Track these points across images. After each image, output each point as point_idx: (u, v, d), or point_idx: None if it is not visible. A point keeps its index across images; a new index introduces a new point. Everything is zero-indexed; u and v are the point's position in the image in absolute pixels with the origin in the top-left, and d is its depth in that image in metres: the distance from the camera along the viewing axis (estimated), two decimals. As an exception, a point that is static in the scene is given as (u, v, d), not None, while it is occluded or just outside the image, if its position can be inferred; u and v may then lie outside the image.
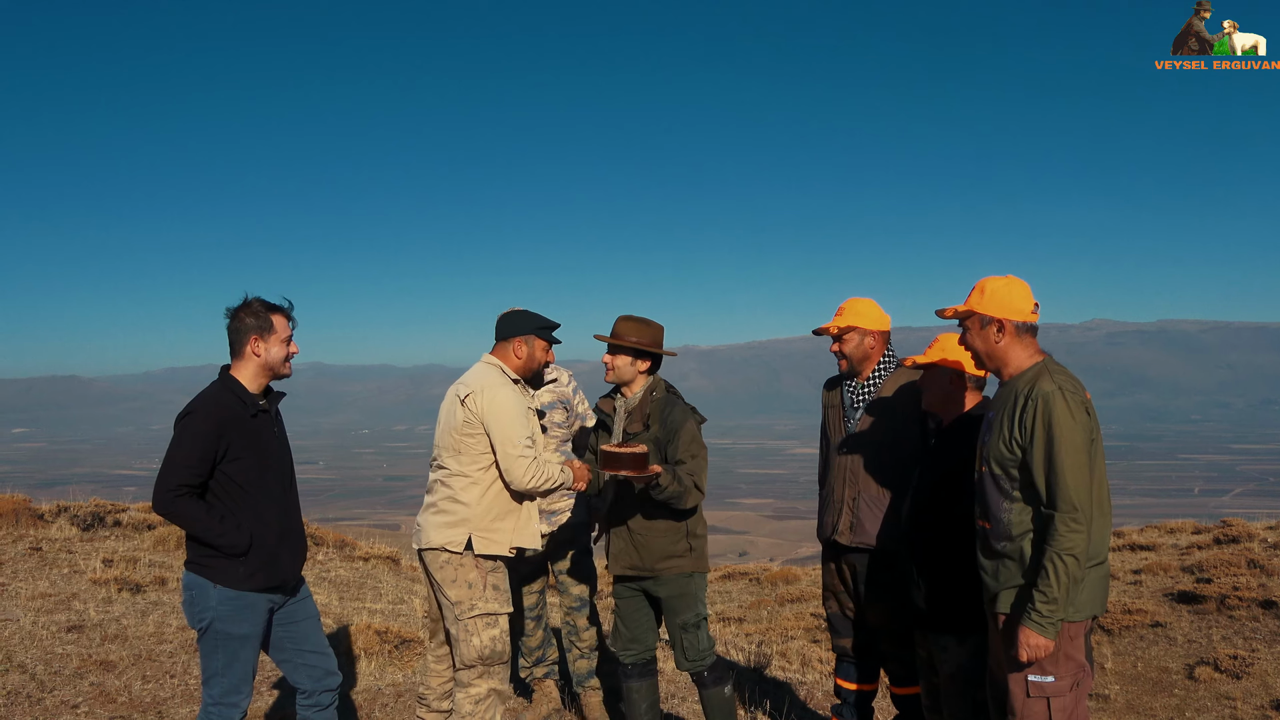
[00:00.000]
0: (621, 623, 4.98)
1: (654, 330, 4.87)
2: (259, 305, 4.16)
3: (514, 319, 4.80)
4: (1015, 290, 3.82)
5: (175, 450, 3.94)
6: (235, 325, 4.13)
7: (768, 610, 12.99)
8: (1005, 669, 3.80)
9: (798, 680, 7.18)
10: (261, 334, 4.11)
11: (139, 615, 7.76)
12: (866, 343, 4.88)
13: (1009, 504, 3.73)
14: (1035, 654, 3.62)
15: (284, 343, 4.17)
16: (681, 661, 4.95)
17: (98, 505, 12.38)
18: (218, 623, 4.03)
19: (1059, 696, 3.70)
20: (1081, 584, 3.62)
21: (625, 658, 4.97)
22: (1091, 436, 3.64)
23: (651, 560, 4.82)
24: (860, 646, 5.06)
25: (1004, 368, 3.84)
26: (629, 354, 4.82)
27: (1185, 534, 13.67)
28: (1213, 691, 7.67)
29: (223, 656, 4.08)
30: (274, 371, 4.18)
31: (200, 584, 4.04)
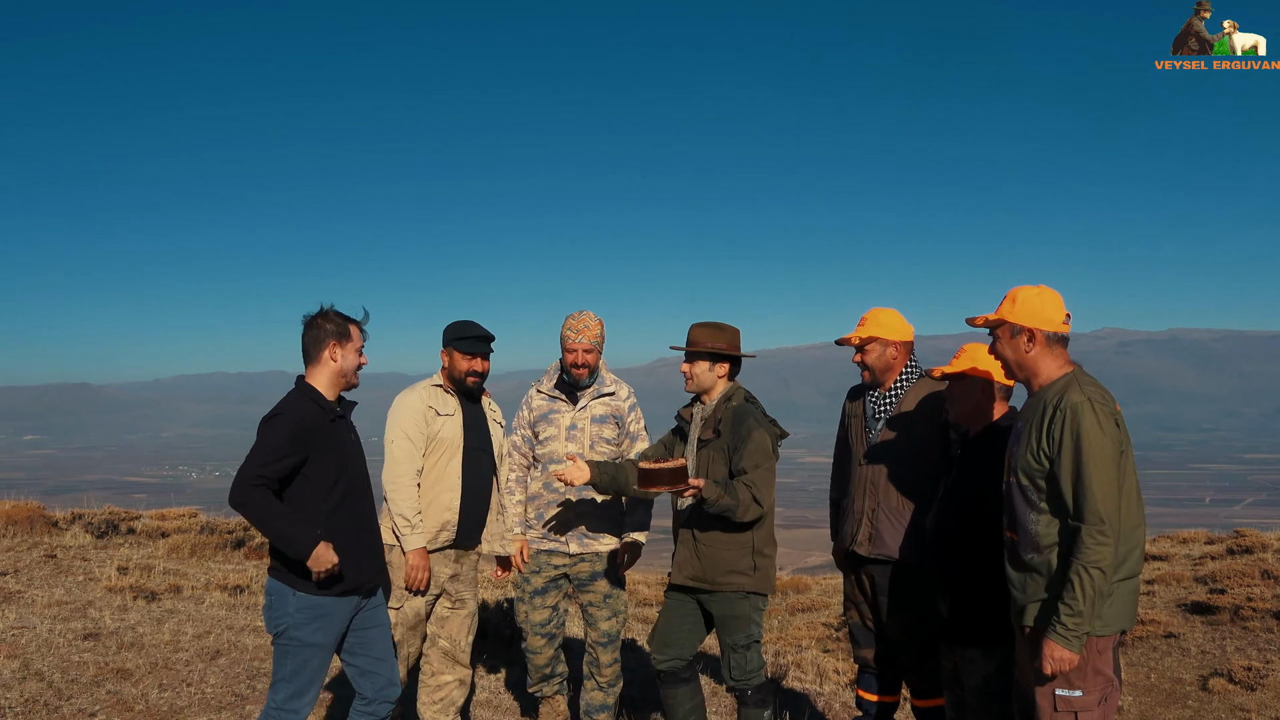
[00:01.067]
0: (665, 624, 4.94)
1: (729, 334, 4.92)
2: (338, 314, 4.29)
3: (445, 332, 5.18)
4: (1047, 300, 3.80)
5: (258, 447, 4.02)
6: (314, 332, 4.24)
7: (778, 620, 12.97)
8: (1032, 682, 3.76)
9: (815, 692, 7.17)
10: (340, 341, 4.23)
11: (154, 623, 7.79)
12: (889, 353, 4.87)
13: (1036, 515, 3.70)
14: (1059, 667, 3.59)
15: (358, 352, 4.29)
16: (727, 678, 4.91)
17: (111, 513, 12.45)
18: (292, 630, 4.09)
19: (1086, 711, 3.66)
20: (1109, 598, 3.59)
21: (662, 664, 4.92)
22: (1121, 449, 3.60)
23: (714, 573, 4.77)
24: (882, 658, 5.04)
25: (1034, 378, 3.82)
26: (706, 359, 4.89)
27: (1198, 544, 13.63)
28: (1227, 703, 7.64)
29: (292, 663, 4.13)
30: (346, 380, 4.28)
31: (279, 590, 4.10)
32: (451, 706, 5.28)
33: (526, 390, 5.52)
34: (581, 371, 5.27)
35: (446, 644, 5.25)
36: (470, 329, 5.11)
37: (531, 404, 5.45)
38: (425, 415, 5.04)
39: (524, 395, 5.51)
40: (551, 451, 5.34)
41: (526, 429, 5.43)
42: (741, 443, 4.74)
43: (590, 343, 5.24)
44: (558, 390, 5.40)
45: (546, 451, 5.36)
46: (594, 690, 5.43)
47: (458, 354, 5.10)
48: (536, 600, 5.38)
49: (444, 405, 5.11)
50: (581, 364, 5.26)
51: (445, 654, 5.25)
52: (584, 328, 5.24)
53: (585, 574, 5.37)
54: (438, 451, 5.06)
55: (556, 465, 5.22)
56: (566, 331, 5.26)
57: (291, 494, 4.07)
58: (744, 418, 4.81)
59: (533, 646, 5.42)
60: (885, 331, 4.86)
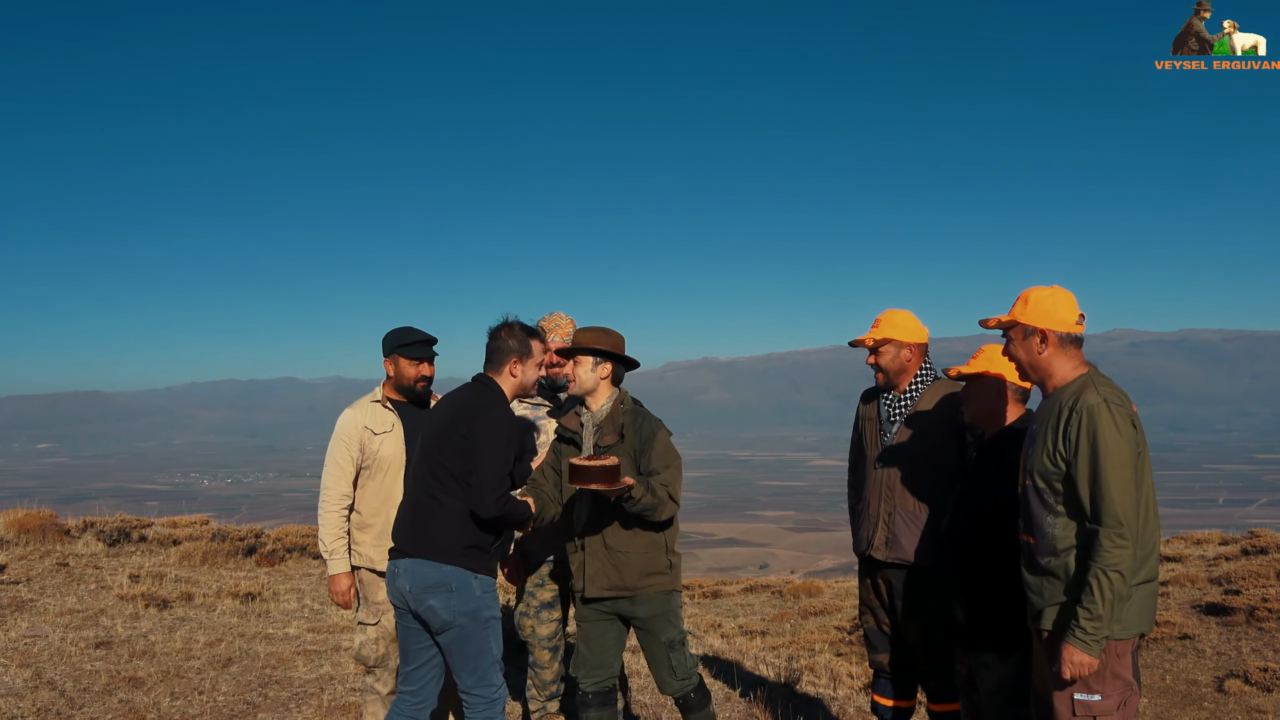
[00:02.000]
0: (586, 647, 4.78)
1: (614, 337, 4.80)
2: (522, 330, 4.46)
3: (384, 340, 5.09)
4: (1059, 300, 3.76)
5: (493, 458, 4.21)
6: (498, 345, 4.43)
7: (790, 623, 12.95)
8: (1050, 687, 3.72)
9: (829, 696, 7.13)
10: (522, 358, 4.42)
11: (166, 631, 7.80)
12: (903, 355, 4.82)
13: (1053, 518, 3.66)
14: (1079, 671, 3.56)
15: (537, 366, 4.49)
16: (670, 683, 4.78)
17: (123, 520, 12.47)
18: (484, 610, 4.25)
19: (1105, 716, 3.62)
20: (1128, 601, 3.55)
21: (587, 685, 4.78)
22: (1138, 450, 3.56)
23: (633, 579, 4.68)
24: (897, 662, 5.01)
25: (1048, 379, 3.78)
26: (589, 356, 4.71)
27: (1212, 545, 13.58)
28: (1243, 704, 7.60)
29: (494, 639, 4.29)
30: (527, 391, 4.56)
31: (462, 577, 4.22)
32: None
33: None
34: (558, 371, 5.25)
35: None
36: (412, 334, 5.04)
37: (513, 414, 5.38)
38: (360, 438, 4.96)
39: None
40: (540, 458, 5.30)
41: None
42: (648, 444, 4.67)
43: (563, 342, 5.19)
44: (540, 397, 5.35)
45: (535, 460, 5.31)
46: None
47: (404, 360, 5.02)
48: (544, 614, 5.32)
49: (380, 423, 5.00)
50: (557, 363, 5.24)
51: None
52: (556, 327, 5.23)
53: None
54: (380, 470, 4.99)
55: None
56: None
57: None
58: (645, 418, 4.76)
59: (541, 661, 5.35)
60: (899, 333, 4.81)
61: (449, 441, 4.23)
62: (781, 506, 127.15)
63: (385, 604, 4.99)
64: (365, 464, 4.99)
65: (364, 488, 5.00)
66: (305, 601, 9.52)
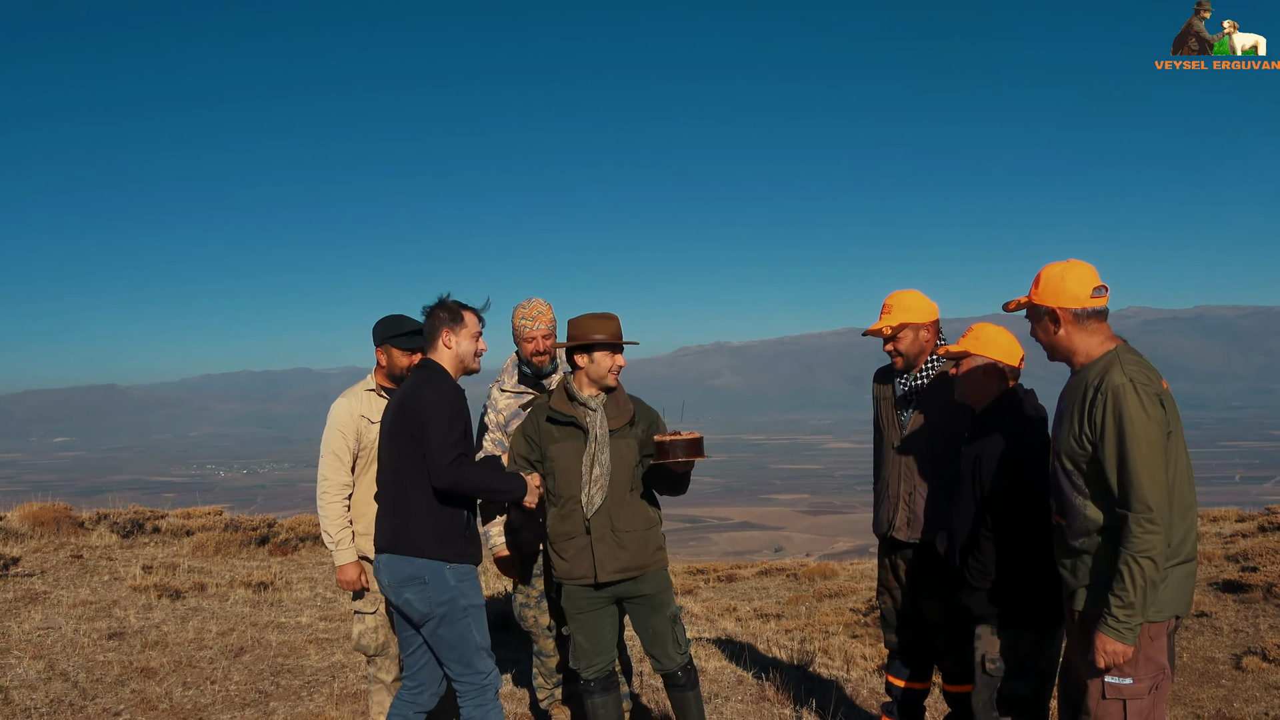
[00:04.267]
0: (585, 638, 4.75)
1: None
2: (453, 302, 4.40)
3: (375, 329, 5.07)
4: (1070, 275, 3.64)
5: (440, 429, 4.16)
6: (430, 321, 4.38)
7: (806, 606, 12.92)
8: (1081, 667, 3.68)
9: (843, 678, 7.10)
10: (453, 327, 4.35)
11: (179, 621, 7.81)
12: (921, 336, 4.74)
13: (1082, 500, 3.58)
14: (1113, 660, 3.48)
15: (474, 338, 4.41)
16: (675, 656, 4.76)
17: (137, 512, 12.49)
18: (461, 599, 4.21)
19: (1136, 699, 3.56)
20: (1163, 584, 3.47)
21: (590, 674, 4.75)
22: (1168, 430, 3.46)
23: (643, 557, 4.69)
24: (912, 643, 4.97)
25: (1072, 357, 3.68)
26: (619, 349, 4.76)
27: (1229, 522, 13.49)
28: (1261, 681, 7.54)
29: (475, 628, 4.26)
30: (465, 364, 4.41)
31: (433, 567, 4.18)
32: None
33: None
34: (544, 359, 5.21)
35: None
36: (405, 324, 5.00)
37: (497, 405, 5.32)
38: (356, 426, 4.95)
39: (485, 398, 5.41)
40: None
41: (496, 431, 5.31)
42: (654, 426, 4.78)
43: (547, 328, 5.19)
44: (522, 385, 5.31)
45: None
46: None
47: (396, 351, 4.97)
48: (544, 604, 5.31)
49: (375, 411, 4.97)
50: (544, 350, 5.21)
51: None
52: (538, 314, 5.20)
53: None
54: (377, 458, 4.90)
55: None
56: (521, 322, 5.19)
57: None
58: (640, 403, 4.85)
59: (545, 649, 5.36)
60: (914, 315, 4.73)
61: (402, 430, 4.20)
62: (796, 490, 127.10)
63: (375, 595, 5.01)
64: (361, 452, 4.97)
65: (361, 476, 4.98)
66: (317, 590, 9.52)
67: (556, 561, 4.71)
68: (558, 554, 4.70)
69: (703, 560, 21.29)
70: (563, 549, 4.67)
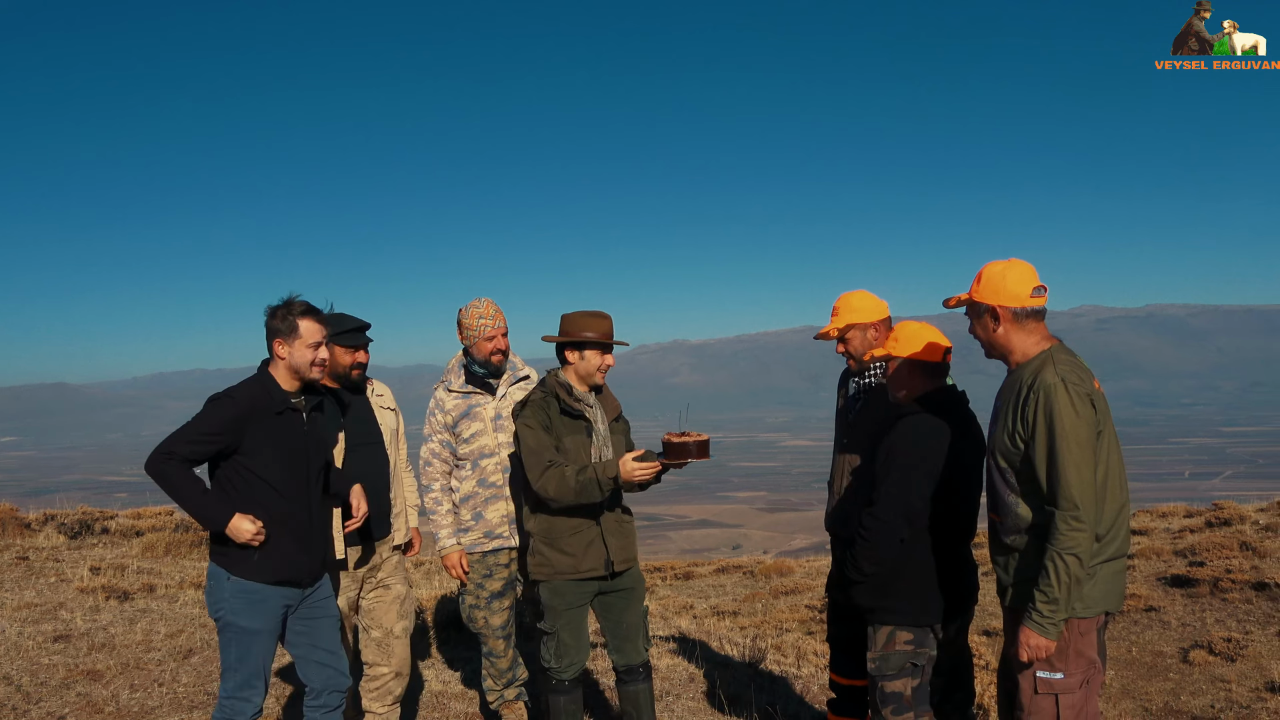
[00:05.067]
0: (571, 635, 4.71)
1: None
2: (288, 309, 4.20)
3: None
4: (1011, 274, 3.67)
5: (189, 423, 4.02)
6: (266, 325, 4.22)
7: (762, 603, 12.96)
8: (1015, 663, 3.73)
9: (793, 674, 7.12)
10: (285, 337, 4.16)
11: (127, 623, 7.69)
12: (870, 336, 4.76)
13: (1015, 498, 3.63)
14: (1036, 654, 3.55)
15: (311, 347, 4.20)
16: (642, 648, 4.82)
17: (85, 513, 12.31)
18: (230, 615, 4.08)
19: (1068, 694, 3.62)
20: (1090, 580, 3.53)
21: (571, 671, 4.72)
22: (1098, 429, 3.51)
23: (635, 548, 4.80)
24: (851, 637, 4.99)
25: (1008, 355, 3.72)
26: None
27: (1177, 518, 13.68)
28: (1207, 674, 7.65)
29: (235, 650, 4.11)
30: (300, 374, 4.21)
31: (217, 573, 4.10)
32: (388, 695, 5.18)
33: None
34: (501, 358, 5.24)
35: (378, 634, 5.16)
36: (346, 322, 4.96)
37: (445, 405, 5.30)
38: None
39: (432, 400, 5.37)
40: (481, 446, 5.25)
41: (444, 433, 5.30)
42: (626, 425, 4.94)
43: (505, 326, 5.24)
44: (470, 385, 5.30)
45: (475, 448, 5.25)
46: None
47: (339, 349, 4.91)
48: (495, 604, 5.30)
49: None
50: (504, 349, 5.25)
51: (378, 644, 5.16)
52: (494, 313, 5.21)
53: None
54: None
55: (487, 459, 5.24)
56: (479, 321, 5.18)
57: (228, 478, 4.07)
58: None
59: (496, 650, 5.35)
60: (861, 315, 4.75)
61: None
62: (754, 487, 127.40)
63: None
64: None
65: None
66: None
67: (555, 557, 4.63)
68: (559, 550, 4.63)
69: (660, 558, 21.28)
70: (566, 544, 4.62)
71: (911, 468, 4.04)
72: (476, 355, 5.23)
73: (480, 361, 5.24)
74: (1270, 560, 10.02)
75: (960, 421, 4.15)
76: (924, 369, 4.20)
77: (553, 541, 4.63)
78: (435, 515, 5.30)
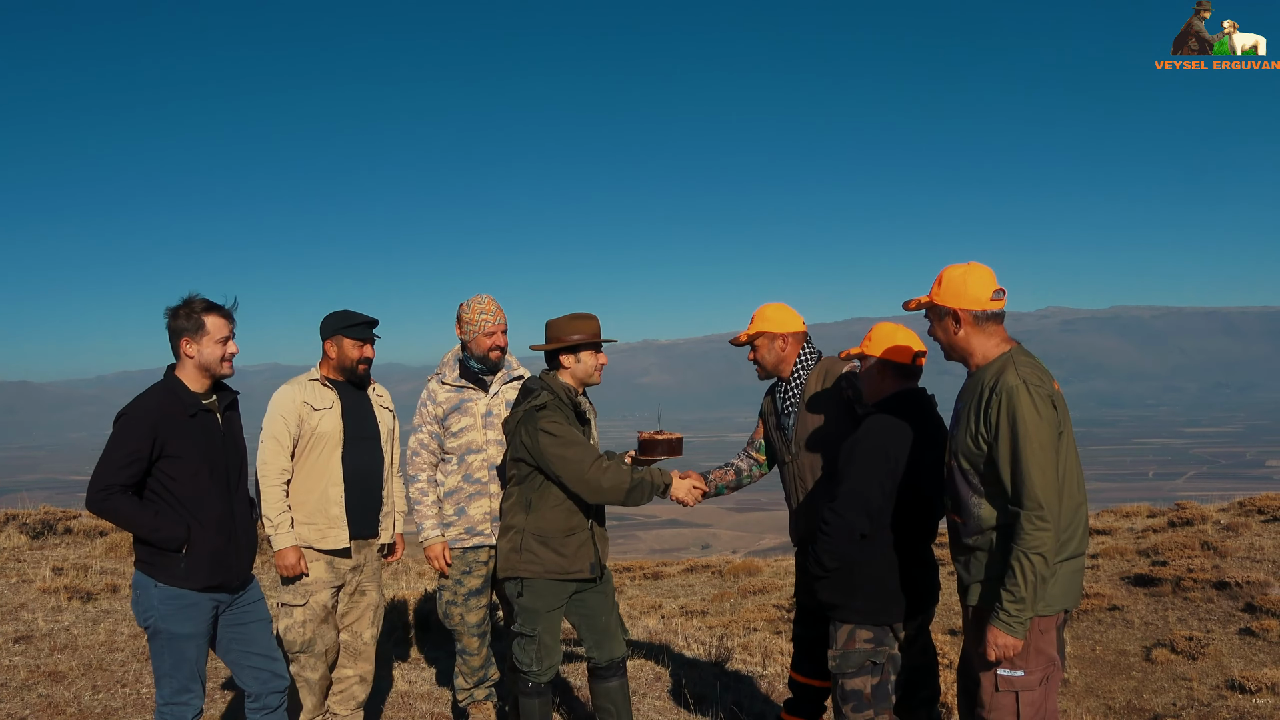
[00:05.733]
0: (551, 635, 4.73)
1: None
2: (190, 307, 4.14)
3: (326, 322, 5.08)
4: (972, 278, 3.71)
5: (108, 450, 3.97)
6: (169, 326, 4.13)
7: (730, 603, 12.99)
8: (976, 662, 3.77)
9: (759, 673, 7.15)
10: (192, 335, 4.09)
11: (90, 624, 7.61)
12: (778, 345, 4.91)
13: (978, 499, 3.67)
14: (1004, 653, 3.58)
15: (219, 343, 4.13)
16: (621, 643, 4.87)
17: (47, 513, 12.16)
18: (160, 622, 4.05)
19: (1028, 691, 3.66)
20: (1052, 579, 3.57)
21: (549, 675, 4.73)
22: (1059, 430, 3.56)
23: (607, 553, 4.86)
24: (814, 640, 5.03)
25: (969, 358, 3.76)
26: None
27: (1140, 518, 13.82)
28: (1169, 672, 7.74)
29: (169, 656, 4.08)
30: (211, 371, 4.15)
31: (144, 582, 4.07)
32: (352, 700, 5.18)
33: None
34: (499, 354, 5.25)
35: (347, 637, 5.16)
36: (355, 316, 5.03)
37: (436, 398, 5.30)
38: (298, 413, 4.92)
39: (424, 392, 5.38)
40: (469, 442, 5.25)
41: (433, 424, 5.30)
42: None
43: (505, 324, 5.26)
44: (464, 379, 5.30)
45: (462, 443, 5.25)
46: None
47: (348, 342, 4.99)
48: (472, 601, 5.29)
49: (320, 399, 4.98)
50: (503, 346, 5.26)
51: (346, 647, 5.16)
52: (496, 309, 5.23)
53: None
54: (317, 446, 4.94)
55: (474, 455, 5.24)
56: (480, 316, 5.19)
57: (154, 486, 4.04)
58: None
59: (470, 648, 5.33)
60: (771, 325, 4.91)
61: None
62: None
63: (315, 583, 4.95)
64: (301, 439, 4.93)
65: (300, 462, 4.95)
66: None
67: (547, 556, 4.64)
68: (551, 549, 4.64)
69: (629, 558, 21.30)
70: (561, 544, 4.65)
71: (874, 465, 4.09)
72: (475, 351, 5.24)
73: (478, 357, 5.25)
74: (1231, 560, 10.15)
75: (925, 423, 4.19)
76: (895, 370, 4.27)
77: (546, 540, 4.64)
78: (420, 506, 5.29)
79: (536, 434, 4.54)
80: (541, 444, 4.53)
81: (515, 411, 4.71)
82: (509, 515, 4.74)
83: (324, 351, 5.09)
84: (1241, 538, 11.02)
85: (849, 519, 4.10)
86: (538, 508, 4.64)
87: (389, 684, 6.34)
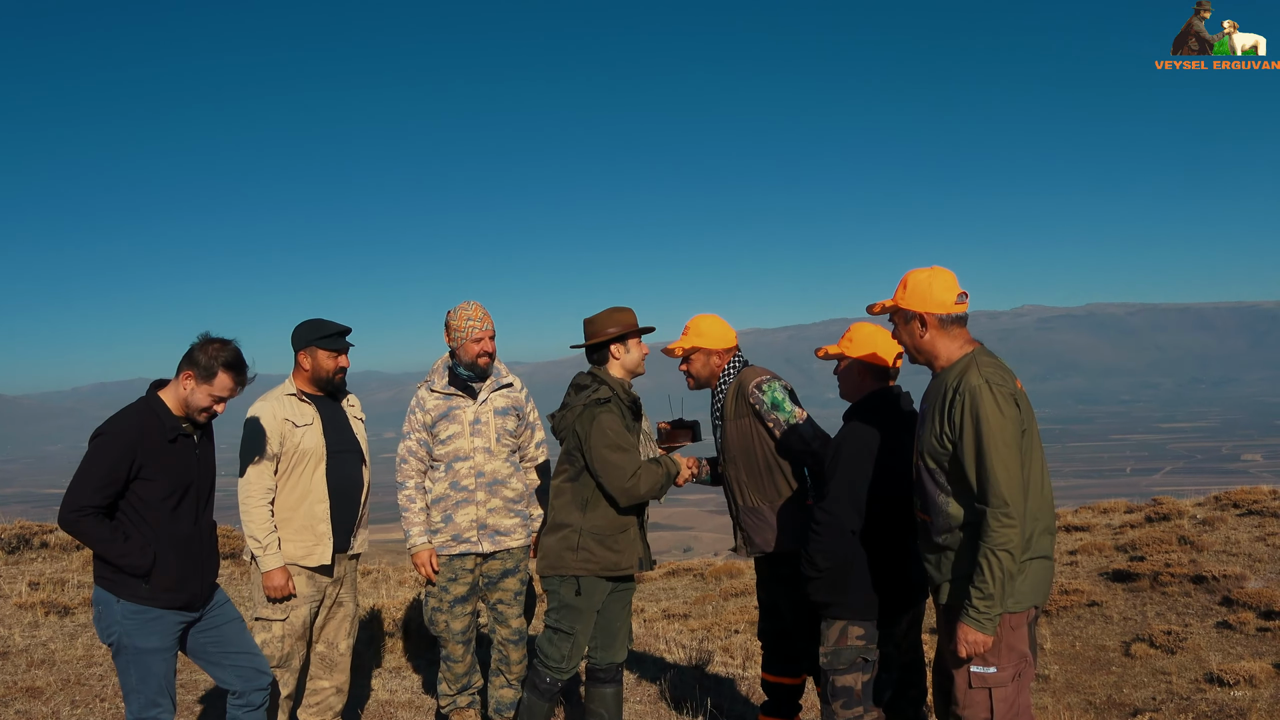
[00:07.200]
0: (585, 637, 4.81)
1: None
2: (217, 354, 4.06)
3: (297, 332, 5.00)
4: (937, 282, 3.77)
5: (83, 469, 3.95)
6: (189, 351, 4.08)
7: (712, 605, 12.99)
8: (949, 659, 3.80)
9: (739, 675, 7.16)
10: (198, 376, 4.05)
11: (67, 638, 7.55)
12: (713, 361, 4.98)
13: (945, 498, 3.71)
14: (974, 649, 3.62)
15: (214, 399, 4.09)
16: (623, 651, 4.93)
17: (23, 527, 12.04)
18: (124, 637, 4.03)
19: (1001, 687, 3.69)
20: (1021, 576, 3.60)
21: (570, 674, 4.82)
22: (1022, 428, 3.60)
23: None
24: (778, 634, 5.08)
25: (934, 360, 3.82)
26: None
27: (1118, 514, 13.90)
28: (1149, 667, 7.79)
29: (135, 672, 4.07)
30: (189, 412, 4.11)
31: (106, 599, 4.05)
32: (329, 711, 5.16)
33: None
34: (488, 360, 5.22)
35: (323, 648, 5.14)
36: (329, 326, 4.97)
37: (425, 404, 5.28)
38: (280, 431, 4.86)
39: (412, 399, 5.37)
40: (456, 449, 5.22)
41: (422, 431, 5.28)
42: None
43: (492, 330, 5.22)
44: (453, 387, 5.28)
45: (450, 450, 5.23)
46: (503, 688, 5.36)
47: (323, 353, 4.94)
48: (458, 609, 5.27)
49: (300, 415, 4.93)
50: (491, 352, 5.22)
51: (322, 659, 5.14)
52: (484, 316, 5.20)
53: (496, 572, 5.29)
54: (301, 463, 4.90)
55: (461, 462, 5.20)
56: (468, 323, 5.16)
57: (124, 507, 4.02)
58: None
59: (454, 655, 5.32)
60: (706, 341, 4.97)
61: None
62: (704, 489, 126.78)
63: (298, 599, 4.91)
64: (284, 457, 4.88)
65: (284, 480, 4.90)
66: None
67: (603, 554, 4.70)
68: (608, 547, 4.71)
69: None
70: (614, 541, 4.72)
71: (860, 463, 4.16)
72: (463, 358, 5.21)
73: (466, 364, 5.21)
74: (1208, 554, 10.23)
75: (904, 420, 4.23)
76: (873, 371, 4.36)
77: (603, 538, 4.71)
78: (407, 513, 5.28)
79: (592, 426, 4.61)
80: (594, 439, 4.59)
81: (573, 406, 4.73)
82: (561, 513, 4.76)
83: (297, 362, 5.02)
84: (1218, 532, 11.12)
85: (840, 517, 4.15)
86: (595, 506, 4.70)
87: (368, 693, 6.32)
